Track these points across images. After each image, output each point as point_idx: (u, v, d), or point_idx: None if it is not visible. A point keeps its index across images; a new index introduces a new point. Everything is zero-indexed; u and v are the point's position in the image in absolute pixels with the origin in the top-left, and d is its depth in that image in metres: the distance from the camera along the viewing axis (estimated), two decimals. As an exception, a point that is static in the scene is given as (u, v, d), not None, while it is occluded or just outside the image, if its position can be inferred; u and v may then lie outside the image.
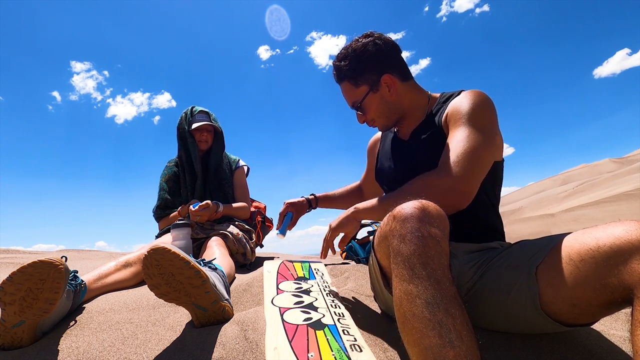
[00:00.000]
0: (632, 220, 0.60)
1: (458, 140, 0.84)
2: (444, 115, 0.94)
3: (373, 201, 0.93)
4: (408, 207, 0.65)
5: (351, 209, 0.99)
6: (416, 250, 0.59)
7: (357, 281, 1.28)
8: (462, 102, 0.90)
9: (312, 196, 1.41)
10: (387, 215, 0.70)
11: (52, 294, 0.78)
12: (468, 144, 0.82)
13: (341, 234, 1.04)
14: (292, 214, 1.32)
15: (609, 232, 0.60)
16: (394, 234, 0.64)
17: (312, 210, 1.43)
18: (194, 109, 1.80)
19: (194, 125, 1.73)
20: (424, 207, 0.64)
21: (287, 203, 1.36)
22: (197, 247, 1.60)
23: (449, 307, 0.53)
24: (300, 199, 1.38)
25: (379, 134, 1.27)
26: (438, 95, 1.05)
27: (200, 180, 1.79)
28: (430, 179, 0.83)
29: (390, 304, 0.88)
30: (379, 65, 0.99)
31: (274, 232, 2.19)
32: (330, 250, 1.07)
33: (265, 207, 2.08)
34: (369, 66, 0.99)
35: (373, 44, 0.99)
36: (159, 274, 0.78)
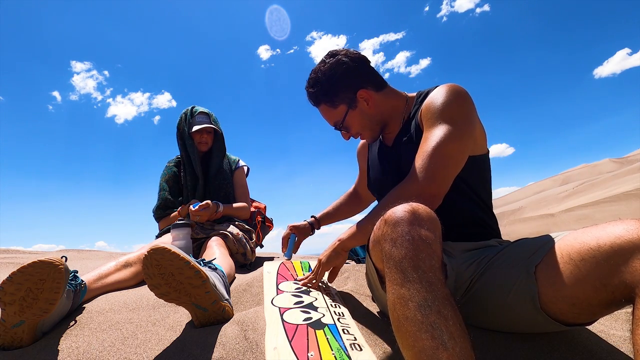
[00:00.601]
0: (632, 219, 0.60)
1: (425, 142, 0.85)
2: (419, 114, 0.94)
3: (354, 227, 0.94)
4: (399, 210, 0.65)
5: (336, 242, 1.00)
6: (407, 253, 0.59)
7: (357, 281, 1.28)
8: (432, 99, 0.89)
9: (313, 218, 1.40)
10: (379, 219, 0.70)
11: (52, 294, 0.78)
12: (434, 144, 0.82)
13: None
14: (295, 237, 1.32)
15: (610, 231, 0.60)
16: (386, 238, 0.64)
17: (316, 231, 1.42)
18: (193, 110, 1.80)
19: (194, 128, 1.73)
20: (415, 210, 0.64)
21: (291, 226, 1.35)
22: (197, 247, 1.60)
23: (442, 308, 0.53)
24: (303, 223, 1.38)
25: None
26: (415, 94, 1.04)
27: (201, 181, 1.79)
28: (400, 188, 0.84)
29: (387, 305, 0.88)
30: (351, 83, 0.99)
31: (274, 232, 2.19)
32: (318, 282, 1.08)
33: (265, 207, 2.08)
34: (342, 86, 0.99)
35: (341, 64, 0.99)
36: (159, 274, 0.78)
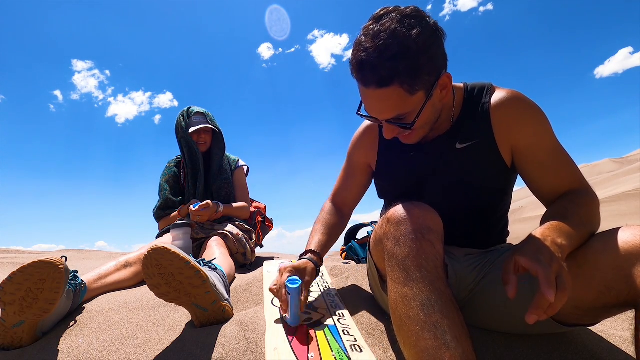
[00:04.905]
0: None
1: (565, 159, 0.78)
2: (500, 128, 0.80)
3: (567, 233, 0.63)
4: (401, 209, 0.65)
5: (556, 249, 0.59)
6: (410, 252, 0.59)
7: (357, 281, 1.27)
8: (533, 124, 0.78)
9: (313, 254, 0.93)
10: (381, 218, 0.70)
11: (52, 294, 0.78)
12: (568, 157, 0.78)
13: None
14: (299, 284, 0.79)
15: (617, 236, 0.60)
16: (389, 237, 0.64)
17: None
18: (190, 110, 1.80)
19: (192, 129, 1.73)
20: (418, 209, 0.64)
21: (290, 269, 0.85)
22: (197, 247, 1.60)
23: (444, 308, 0.53)
24: (303, 263, 0.88)
25: (370, 124, 1.00)
26: (461, 86, 0.86)
27: (202, 181, 1.79)
28: (593, 205, 0.72)
29: (388, 304, 0.87)
30: (439, 63, 0.72)
31: (274, 232, 2.19)
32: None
33: (265, 207, 2.09)
34: (431, 65, 0.70)
35: (435, 32, 0.70)
36: (159, 274, 0.78)
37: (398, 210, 0.65)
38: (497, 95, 0.82)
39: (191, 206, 1.59)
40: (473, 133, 0.82)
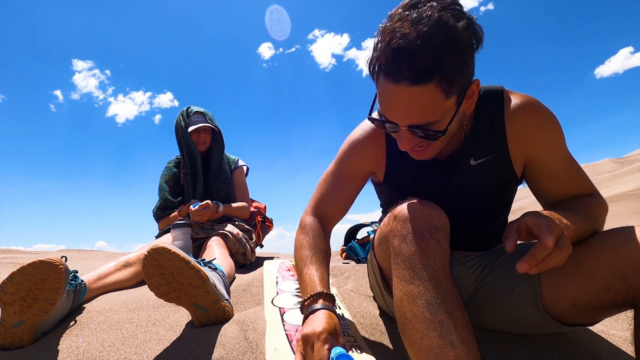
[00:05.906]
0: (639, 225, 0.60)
1: (576, 170, 0.77)
2: (515, 139, 0.77)
3: (572, 219, 0.63)
4: (409, 207, 0.64)
5: (561, 224, 0.59)
6: (417, 250, 0.59)
7: (357, 281, 1.27)
8: (549, 135, 0.76)
9: (328, 301, 0.70)
10: (388, 215, 0.69)
11: (52, 294, 0.78)
12: (578, 167, 0.78)
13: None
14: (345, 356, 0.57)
15: (617, 236, 0.60)
16: (395, 234, 0.63)
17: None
18: (189, 110, 1.80)
19: (191, 128, 1.73)
20: (425, 207, 0.64)
21: (323, 338, 0.60)
22: (197, 247, 1.60)
23: (450, 307, 0.53)
24: (329, 321, 0.64)
25: (374, 128, 0.86)
26: None
27: (201, 181, 1.79)
28: (602, 206, 0.74)
29: (389, 304, 0.87)
30: (472, 67, 0.64)
31: (274, 232, 2.19)
32: None
33: (265, 207, 2.09)
34: (470, 67, 0.63)
35: (477, 32, 0.62)
36: (159, 274, 0.78)
37: (405, 207, 0.65)
38: (512, 104, 0.77)
39: (191, 206, 1.59)
40: (488, 148, 0.78)
